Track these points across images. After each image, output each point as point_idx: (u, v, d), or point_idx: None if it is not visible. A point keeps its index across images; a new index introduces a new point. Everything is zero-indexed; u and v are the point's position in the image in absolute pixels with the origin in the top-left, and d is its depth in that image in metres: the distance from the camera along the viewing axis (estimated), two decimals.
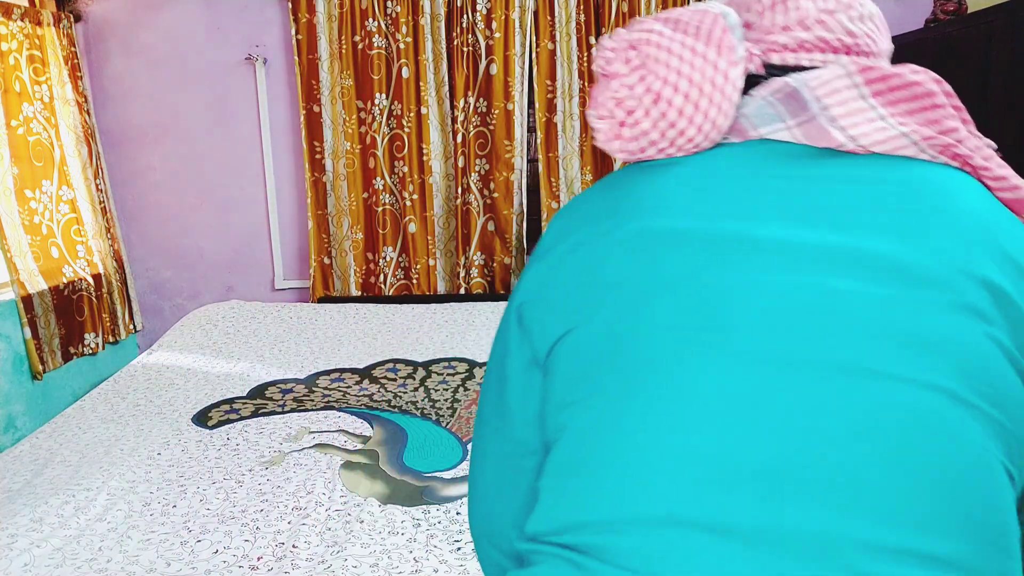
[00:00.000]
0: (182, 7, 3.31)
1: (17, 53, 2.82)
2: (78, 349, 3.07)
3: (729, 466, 0.50)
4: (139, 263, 3.53)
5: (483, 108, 3.27)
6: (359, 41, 3.22)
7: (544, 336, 0.61)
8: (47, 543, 1.51)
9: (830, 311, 0.52)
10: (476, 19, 3.18)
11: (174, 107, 3.39)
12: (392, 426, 2.07)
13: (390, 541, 1.48)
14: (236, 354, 2.76)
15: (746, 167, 0.59)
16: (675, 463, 0.52)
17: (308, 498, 1.66)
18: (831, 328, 0.52)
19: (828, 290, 0.53)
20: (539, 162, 3.30)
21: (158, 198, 3.47)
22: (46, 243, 2.92)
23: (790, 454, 0.50)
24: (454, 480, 1.74)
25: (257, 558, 1.44)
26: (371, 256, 3.40)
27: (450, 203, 3.35)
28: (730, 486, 0.50)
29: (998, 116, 2.23)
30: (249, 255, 3.51)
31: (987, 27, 2.28)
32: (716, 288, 0.54)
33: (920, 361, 0.50)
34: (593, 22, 3.18)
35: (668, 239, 0.57)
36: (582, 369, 0.58)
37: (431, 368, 2.54)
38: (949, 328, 0.51)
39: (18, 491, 1.75)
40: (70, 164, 3.07)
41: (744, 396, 0.51)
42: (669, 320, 0.55)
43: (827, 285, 0.53)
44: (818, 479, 0.49)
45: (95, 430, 2.12)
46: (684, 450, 0.52)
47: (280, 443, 1.97)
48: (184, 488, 1.74)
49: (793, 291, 0.53)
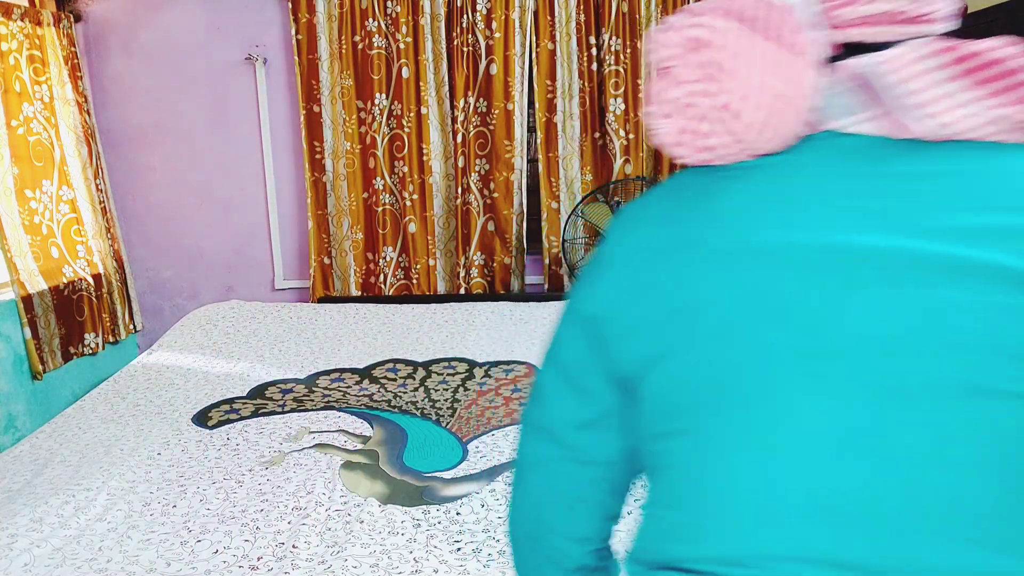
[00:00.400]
0: (182, 7, 3.31)
1: (17, 53, 2.82)
2: (78, 349, 3.07)
3: (854, 502, 0.49)
4: (139, 263, 3.53)
5: (483, 108, 3.27)
6: (359, 41, 3.22)
7: (630, 357, 0.59)
8: (47, 543, 1.51)
9: (942, 327, 0.49)
10: (476, 19, 3.18)
11: (174, 107, 3.39)
12: (392, 426, 2.07)
13: (390, 541, 1.48)
14: (236, 354, 2.76)
15: (829, 168, 0.54)
16: (800, 499, 0.50)
17: (308, 498, 1.66)
18: (945, 346, 0.48)
19: (938, 304, 0.49)
20: (539, 162, 3.29)
21: (158, 198, 3.47)
22: (46, 243, 2.92)
23: (916, 487, 0.48)
24: (454, 480, 1.73)
25: (257, 558, 1.44)
26: (371, 256, 3.40)
27: (450, 203, 3.35)
28: (858, 522, 0.49)
29: None
30: (249, 255, 3.51)
31: (987, 27, 2.28)
32: (821, 310, 0.51)
33: None
34: (593, 22, 3.17)
35: (760, 256, 0.53)
36: (683, 398, 0.55)
37: (431, 368, 2.54)
38: None
39: (18, 491, 1.75)
40: (70, 164, 3.07)
41: (862, 428, 0.49)
42: (776, 347, 0.52)
43: (936, 298, 0.49)
44: (946, 511, 0.48)
45: (95, 430, 2.12)
46: (807, 487, 0.50)
47: (280, 443, 1.97)
48: (184, 488, 1.74)
49: (903, 308, 0.49)
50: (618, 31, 3.17)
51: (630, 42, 3.17)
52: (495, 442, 1.93)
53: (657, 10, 3.13)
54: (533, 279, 3.46)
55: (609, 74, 3.19)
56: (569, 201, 3.30)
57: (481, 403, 2.22)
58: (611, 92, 3.20)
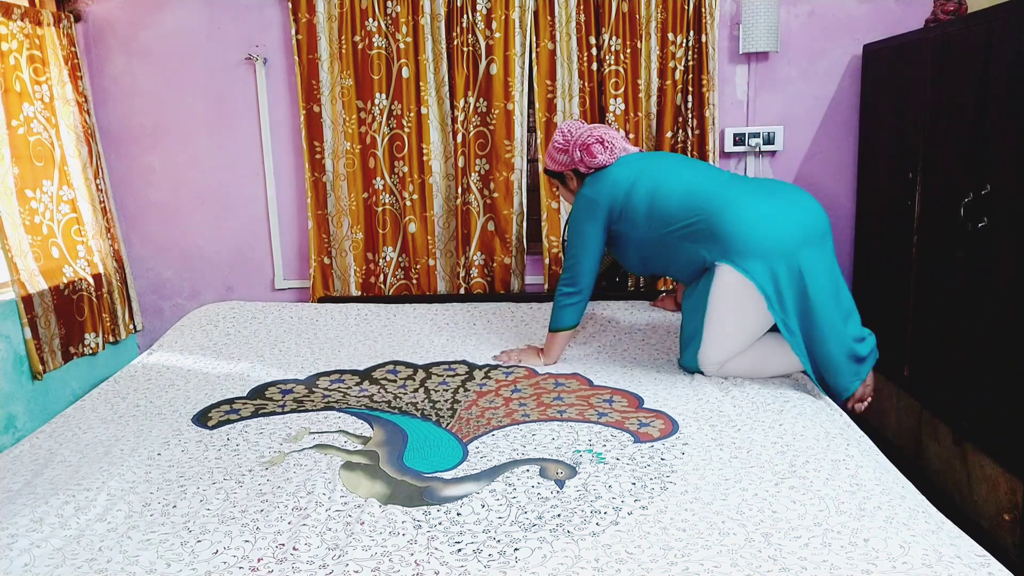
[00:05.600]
0: (182, 7, 3.31)
1: (17, 53, 2.82)
2: (78, 349, 3.07)
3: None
4: (139, 263, 3.53)
5: (483, 108, 3.27)
6: (359, 41, 3.22)
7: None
8: (47, 543, 1.51)
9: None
10: (476, 19, 3.17)
11: (174, 107, 3.39)
12: (392, 427, 2.07)
13: (391, 542, 1.48)
14: (236, 354, 2.76)
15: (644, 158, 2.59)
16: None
17: (308, 498, 1.66)
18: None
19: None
20: (539, 162, 3.29)
21: (158, 198, 3.47)
22: (47, 243, 2.92)
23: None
24: (455, 480, 1.74)
25: (258, 559, 1.44)
26: (371, 256, 3.40)
27: (450, 203, 3.35)
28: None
29: (998, 117, 2.23)
30: (249, 255, 3.52)
31: (987, 27, 2.28)
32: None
33: None
34: (593, 22, 3.17)
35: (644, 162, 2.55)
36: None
37: (431, 370, 2.54)
38: None
39: (18, 491, 1.75)
40: (70, 164, 3.07)
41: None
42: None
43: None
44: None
45: (95, 430, 2.12)
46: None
47: (280, 443, 1.97)
48: (184, 488, 1.74)
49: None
50: (618, 31, 3.16)
51: (630, 42, 3.17)
52: (495, 442, 1.93)
53: (657, 10, 3.13)
54: (533, 279, 3.46)
55: (609, 74, 3.19)
56: (569, 201, 3.30)
57: (481, 404, 2.22)
58: (611, 92, 3.20)
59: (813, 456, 1.79)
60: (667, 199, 2.34)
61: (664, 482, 1.69)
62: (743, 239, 2.19)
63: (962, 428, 2.47)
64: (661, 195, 2.35)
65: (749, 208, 2.24)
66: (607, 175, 2.45)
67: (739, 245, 2.19)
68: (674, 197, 2.33)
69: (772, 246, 2.18)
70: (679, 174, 2.40)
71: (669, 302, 3.03)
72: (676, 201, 2.33)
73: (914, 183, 2.75)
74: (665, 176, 2.40)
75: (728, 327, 2.28)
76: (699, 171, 2.45)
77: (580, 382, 2.37)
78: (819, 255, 2.22)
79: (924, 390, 2.75)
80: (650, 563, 1.38)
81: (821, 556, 1.38)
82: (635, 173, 2.42)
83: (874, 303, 3.05)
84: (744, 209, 2.24)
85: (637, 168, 2.44)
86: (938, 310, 2.62)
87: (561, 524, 1.52)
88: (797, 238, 2.20)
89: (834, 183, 3.34)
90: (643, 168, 2.44)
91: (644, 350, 2.66)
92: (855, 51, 3.22)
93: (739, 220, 2.22)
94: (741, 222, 2.21)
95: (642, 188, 2.38)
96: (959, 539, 1.45)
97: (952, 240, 2.48)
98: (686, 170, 2.44)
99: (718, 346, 2.31)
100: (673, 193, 2.34)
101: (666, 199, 2.34)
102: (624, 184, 2.41)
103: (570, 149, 2.50)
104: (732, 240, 2.20)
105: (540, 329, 2.87)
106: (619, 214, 2.41)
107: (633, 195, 2.39)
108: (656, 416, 2.07)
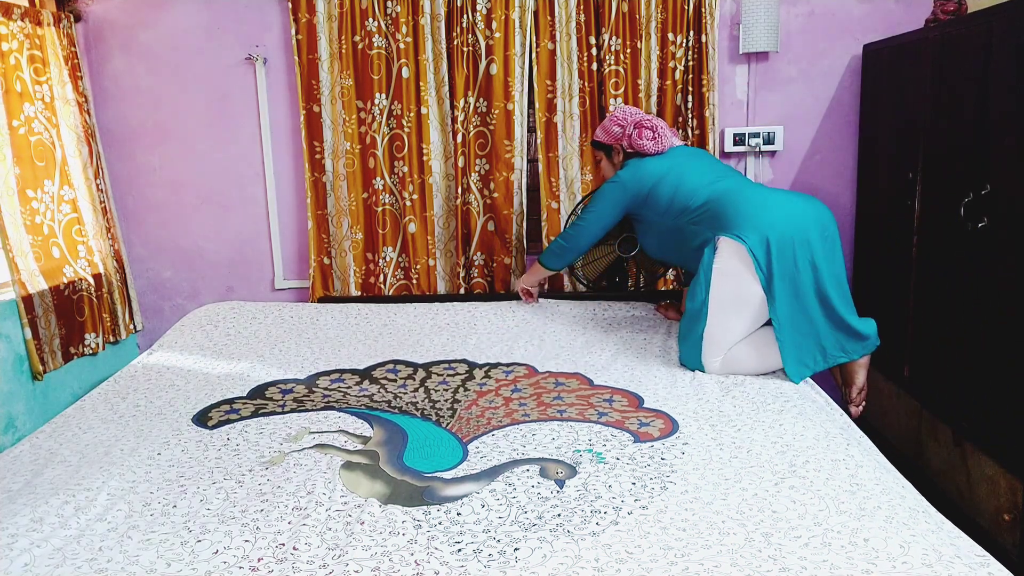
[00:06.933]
0: (182, 7, 3.32)
1: (18, 53, 2.82)
2: (78, 349, 3.07)
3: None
4: (139, 263, 3.53)
5: (483, 108, 3.27)
6: (359, 41, 3.22)
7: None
8: (47, 543, 1.51)
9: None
10: (476, 19, 3.18)
11: (174, 107, 3.39)
12: (392, 426, 2.07)
13: (391, 542, 1.48)
14: (236, 354, 2.76)
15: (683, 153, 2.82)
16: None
17: (308, 498, 1.66)
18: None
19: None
20: (539, 162, 3.30)
21: (158, 198, 3.47)
22: (47, 243, 2.92)
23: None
24: (455, 480, 1.74)
25: (258, 559, 1.44)
26: (371, 256, 3.40)
27: (450, 203, 3.35)
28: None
29: (998, 117, 2.23)
30: (249, 255, 3.52)
31: (987, 27, 2.28)
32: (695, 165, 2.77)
33: None
34: (593, 22, 3.17)
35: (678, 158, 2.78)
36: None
37: (431, 369, 2.54)
38: None
39: (18, 491, 1.75)
40: (71, 164, 3.07)
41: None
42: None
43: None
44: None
45: (95, 430, 2.12)
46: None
47: (280, 443, 1.97)
48: (184, 488, 1.74)
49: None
50: (618, 31, 3.16)
51: (630, 42, 3.17)
52: (495, 442, 1.93)
53: (657, 10, 3.13)
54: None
55: (609, 74, 3.19)
56: (569, 201, 3.30)
57: (481, 404, 2.22)
58: (611, 92, 3.20)
59: (813, 456, 1.79)
60: (688, 196, 2.56)
61: (664, 482, 1.69)
62: (743, 215, 2.36)
63: (962, 428, 2.47)
64: (683, 192, 2.58)
65: (755, 195, 2.45)
66: (645, 165, 2.69)
67: (739, 220, 2.36)
68: (693, 194, 2.55)
69: (770, 221, 2.32)
70: (703, 175, 2.61)
71: (672, 311, 3.03)
72: (694, 197, 2.54)
73: (914, 183, 2.75)
74: (691, 175, 2.61)
75: (727, 305, 2.35)
76: (724, 175, 2.64)
77: (580, 382, 2.37)
78: (821, 246, 2.33)
79: (924, 390, 2.75)
80: (650, 563, 1.38)
81: (821, 556, 1.38)
82: (666, 168, 2.65)
83: (874, 303, 3.05)
84: (750, 195, 2.45)
85: (670, 163, 2.67)
86: (938, 310, 2.62)
87: (561, 524, 1.52)
88: (797, 222, 2.33)
89: (834, 183, 3.34)
90: (674, 164, 2.67)
91: (644, 350, 2.66)
92: (855, 51, 3.22)
93: (743, 202, 2.42)
94: (746, 203, 2.41)
95: (668, 183, 2.62)
96: (959, 539, 1.45)
97: (952, 240, 2.48)
98: (710, 172, 2.63)
99: (720, 324, 2.36)
100: (694, 191, 2.56)
101: (686, 196, 2.56)
102: (654, 176, 2.65)
103: (626, 125, 2.74)
104: (734, 217, 2.37)
105: (541, 328, 2.88)
106: (643, 201, 2.67)
107: (659, 187, 2.62)
108: (656, 416, 2.07)
